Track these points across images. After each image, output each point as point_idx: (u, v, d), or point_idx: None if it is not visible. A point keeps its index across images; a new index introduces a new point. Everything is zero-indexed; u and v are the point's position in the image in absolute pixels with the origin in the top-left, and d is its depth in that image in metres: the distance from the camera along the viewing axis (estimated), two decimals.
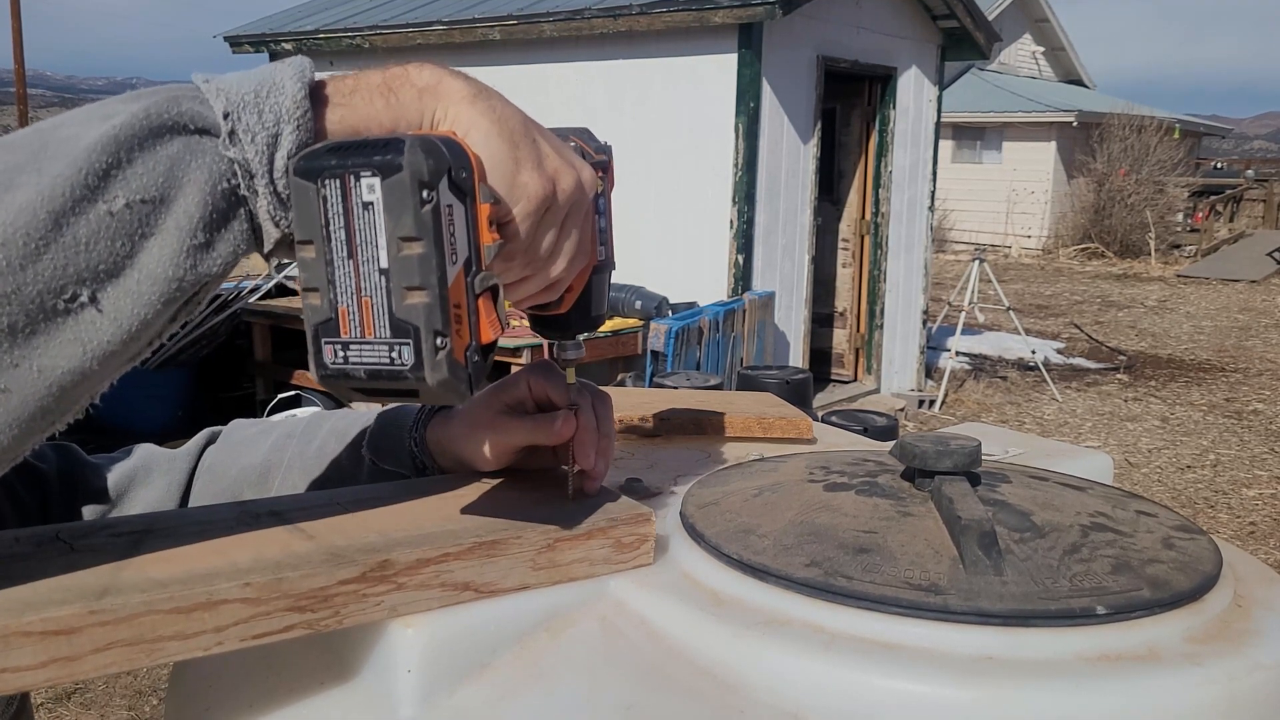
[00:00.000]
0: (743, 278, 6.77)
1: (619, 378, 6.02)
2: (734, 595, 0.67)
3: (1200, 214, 20.35)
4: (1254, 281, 15.97)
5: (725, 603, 0.67)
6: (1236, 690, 0.59)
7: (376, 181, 0.54)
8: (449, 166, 0.55)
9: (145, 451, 0.90)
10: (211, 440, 0.91)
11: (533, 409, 0.79)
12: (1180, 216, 20.02)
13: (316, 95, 0.59)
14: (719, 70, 6.64)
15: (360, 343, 0.56)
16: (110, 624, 0.54)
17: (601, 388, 0.82)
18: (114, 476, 0.87)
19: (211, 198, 0.55)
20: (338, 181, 0.55)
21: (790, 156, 7.05)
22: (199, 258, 0.55)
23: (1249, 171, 26.83)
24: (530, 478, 0.80)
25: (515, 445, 0.78)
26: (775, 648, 0.62)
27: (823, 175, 7.50)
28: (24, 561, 0.59)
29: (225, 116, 0.56)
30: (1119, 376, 9.35)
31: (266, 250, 0.59)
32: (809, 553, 0.69)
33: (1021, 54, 23.46)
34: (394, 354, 0.55)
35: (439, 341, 0.55)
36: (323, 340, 0.57)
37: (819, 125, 7.28)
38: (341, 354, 0.57)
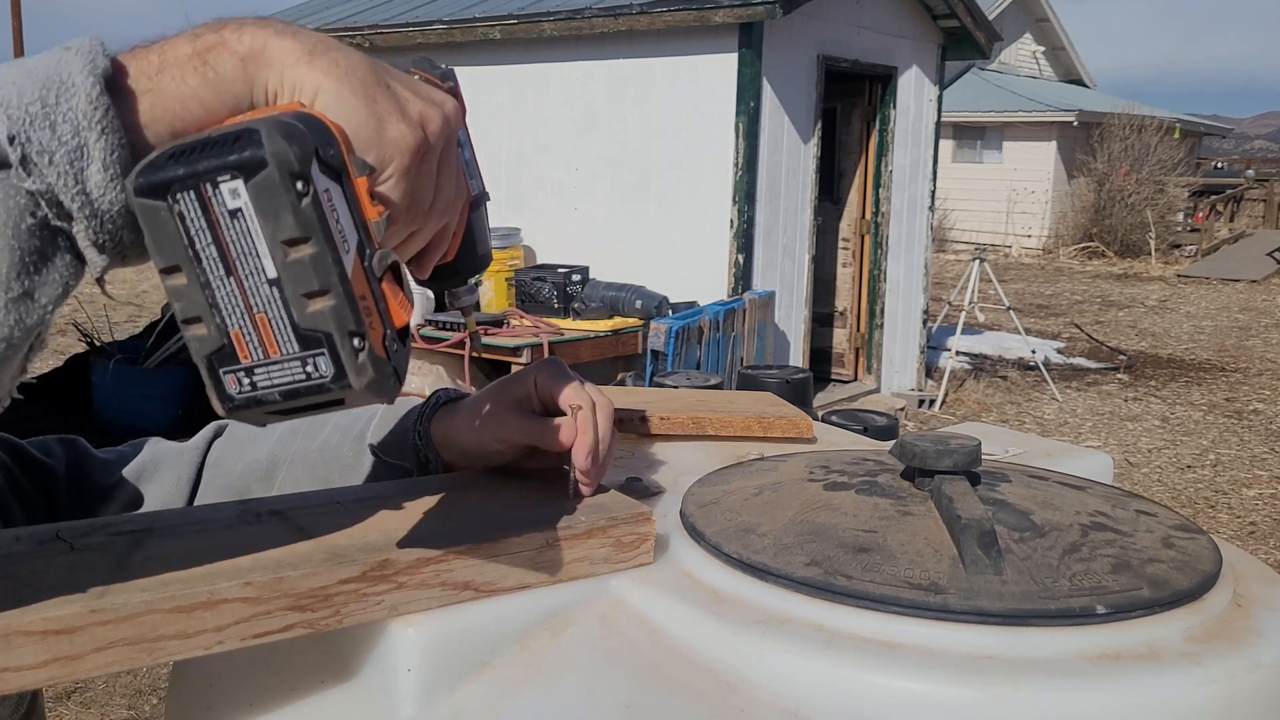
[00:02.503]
0: (743, 277, 6.77)
1: (619, 377, 6.02)
2: (734, 594, 0.67)
3: (1200, 214, 20.34)
4: (1254, 281, 15.96)
5: (725, 601, 0.67)
6: (1236, 689, 0.59)
7: (239, 184, 0.47)
8: (315, 147, 0.49)
9: (153, 446, 0.90)
10: (218, 434, 0.91)
11: (539, 408, 0.79)
12: (1180, 216, 20.01)
13: (116, 85, 0.50)
14: (719, 69, 6.64)
15: (266, 364, 0.50)
16: (111, 623, 0.54)
17: (601, 387, 0.82)
18: (122, 471, 0.87)
19: (18, 240, 0.48)
20: (192, 193, 0.48)
21: (790, 156, 7.05)
22: (24, 310, 0.48)
23: (1249, 171, 26.82)
24: (532, 476, 0.80)
25: (518, 443, 0.78)
26: (775, 646, 0.62)
27: (823, 175, 7.50)
28: (25, 561, 0.59)
29: (11, 141, 0.47)
30: (1119, 376, 9.35)
31: (97, 277, 0.52)
32: (809, 552, 0.69)
33: (1022, 53, 23.46)
34: (309, 368, 0.50)
35: (356, 342, 0.50)
36: (221, 371, 0.50)
37: (819, 124, 7.28)
38: (247, 381, 0.50)
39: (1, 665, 0.51)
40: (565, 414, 0.76)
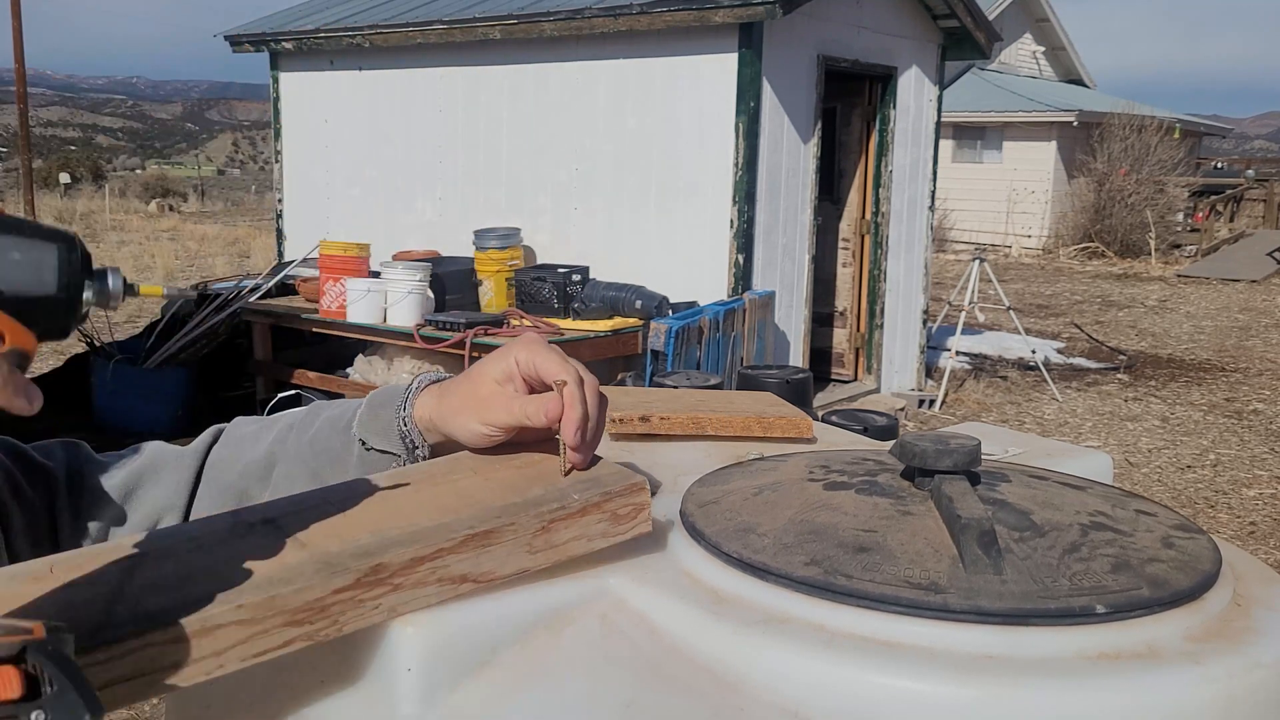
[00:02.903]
0: (743, 277, 6.77)
1: (619, 377, 6.01)
2: (734, 593, 0.67)
3: (1200, 214, 20.33)
4: (1254, 281, 15.96)
5: (725, 601, 0.67)
6: (1235, 689, 0.59)
7: None
8: None
9: (154, 449, 0.90)
10: (217, 438, 0.91)
11: (522, 385, 0.78)
12: (1180, 216, 20.00)
13: None
14: (719, 69, 6.64)
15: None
16: (105, 662, 0.53)
17: (601, 387, 0.82)
18: (123, 474, 0.87)
19: None
20: None
21: (790, 156, 7.05)
22: None
23: (1249, 171, 26.80)
24: (522, 455, 0.79)
25: (503, 423, 0.77)
26: (775, 646, 0.62)
27: (823, 175, 7.49)
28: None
29: None
30: (1119, 376, 9.34)
31: None
32: (809, 551, 0.69)
33: (1022, 53, 23.46)
34: None
35: None
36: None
37: (819, 124, 7.28)
38: None
39: None
40: (550, 389, 0.75)
